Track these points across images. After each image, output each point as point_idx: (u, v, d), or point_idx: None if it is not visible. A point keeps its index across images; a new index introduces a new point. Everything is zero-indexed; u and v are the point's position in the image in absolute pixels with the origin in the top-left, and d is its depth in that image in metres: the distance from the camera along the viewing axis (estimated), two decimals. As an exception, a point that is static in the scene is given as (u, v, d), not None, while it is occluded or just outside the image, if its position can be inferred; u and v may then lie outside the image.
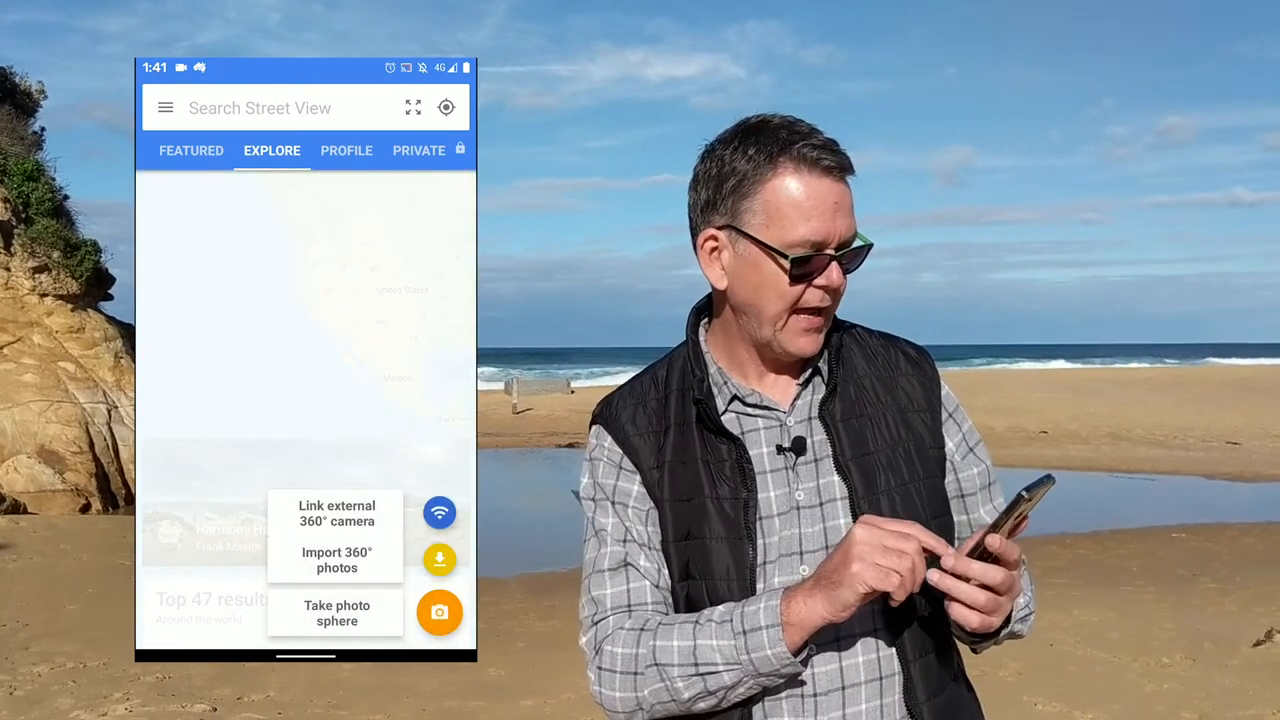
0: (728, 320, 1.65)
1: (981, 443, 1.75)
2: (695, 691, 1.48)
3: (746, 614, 1.46)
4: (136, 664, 7.09)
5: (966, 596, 1.43)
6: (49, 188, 17.76)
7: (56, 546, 12.19)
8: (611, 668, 1.54)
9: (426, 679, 6.87)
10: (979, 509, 1.72)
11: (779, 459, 1.60)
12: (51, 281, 17.05)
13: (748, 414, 1.63)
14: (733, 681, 1.47)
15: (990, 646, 1.64)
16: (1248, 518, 14.14)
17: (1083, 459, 20.20)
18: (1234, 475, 18.38)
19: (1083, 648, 7.64)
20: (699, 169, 1.62)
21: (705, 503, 1.56)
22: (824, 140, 1.55)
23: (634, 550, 1.59)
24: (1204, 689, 6.64)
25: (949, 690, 1.62)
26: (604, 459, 1.65)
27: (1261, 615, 8.43)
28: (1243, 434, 24.27)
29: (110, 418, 16.63)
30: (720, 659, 1.46)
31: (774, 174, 1.53)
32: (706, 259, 1.61)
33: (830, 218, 1.53)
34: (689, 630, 1.49)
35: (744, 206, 1.55)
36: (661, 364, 1.72)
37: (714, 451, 1.59)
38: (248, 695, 6.64)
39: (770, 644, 1.44)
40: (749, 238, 1.55)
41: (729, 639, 1.46)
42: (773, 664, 1.45)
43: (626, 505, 1.61)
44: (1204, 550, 11.75)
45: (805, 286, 1.55)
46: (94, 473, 15.81)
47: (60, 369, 16.60)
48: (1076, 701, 6.44)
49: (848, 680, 1.54)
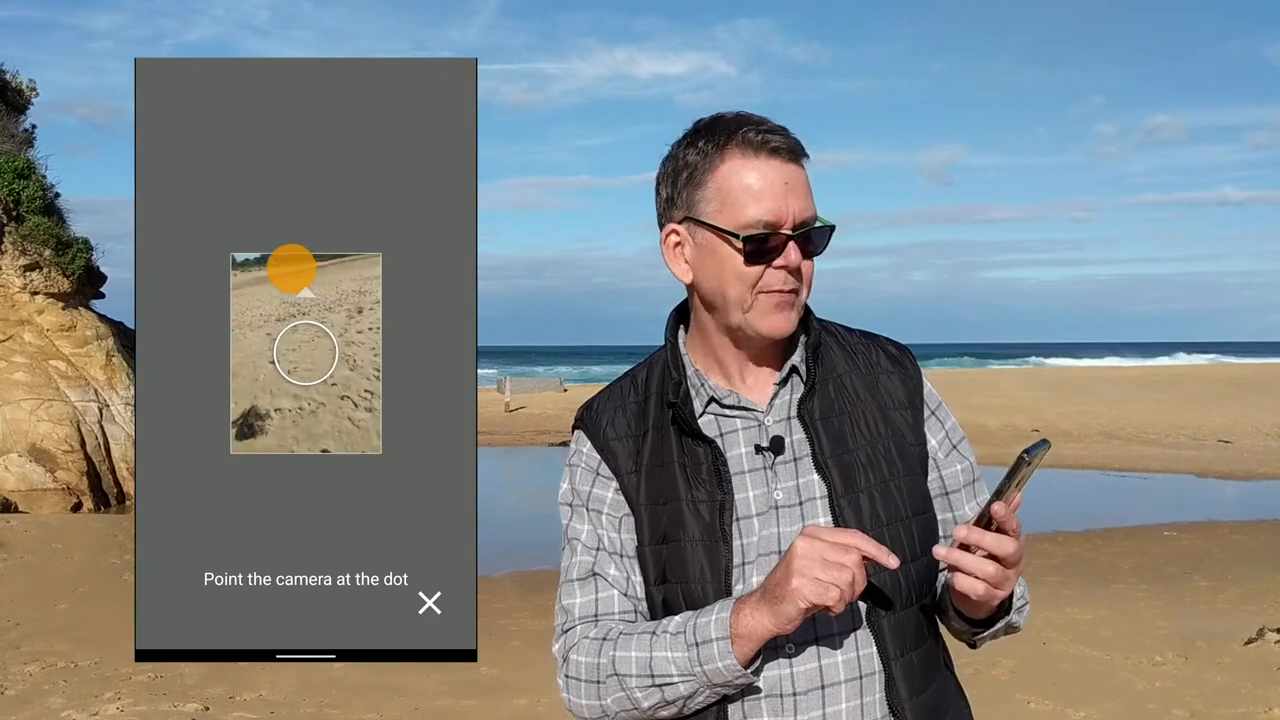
0: (701, 317, 1.65)
1: (965, 440, 1.74)
2: (654, 701, 1.50)
3: (698, 626, 1.48)
4: (127, 664, 7.12)
5: (975, 567, 1.43)
6: (40, 185, 17.70)
7: (48, 545, 12.15)
8: (577, 676, 1.56)
9: (419, 678, 6.86)
10: (963, 506, 1.71)
11: (757, 459, 1.59)
12: (42, 279, 17.00)
13: (725, 415, 1.62)
14: (689, 692, 1.48)
15: (989, 639, 1.64)
16: (1239, 516, 14.18)
17: (1075, 457, 20.22)
18: (1225, 473, 18.42)
19: (1075, 646, 7.65)
20: (659, 173, 1.64)
21: (681, 506, 1.56)
22: (771, 125, 1.57)
23: (603, 560, 1.60)
24: (1196, 687, 6.65)
25: (933, 688, 1.61)
26: (582, 465, 1.65)
27: (1253, 613, 8.45)
28: (1234, 432, 24.32)
29: (102, 416, 16.58)
30: (675, 670, 1.48)
31: (722, 160, 1.56)
32: (671, 255, 1.62)
33: (781, 198, 1.54)
34: (645, 641, 1.51)
35: (698, 196, 1.57)
36: (641, 368, 1.73)
37: (690, 454, 1.59)
38: (240, 694, 6.63)
39: (720, 656, 1.45)
40: (704, 225, 1.57)
41: (682, 650, 1.47)
42: (724, 675, 1.46)
43: (601, 512, 1.62)
44: (1196, 548, 11.78)
45: (765, 268, 1.55)
46: (85, 471, 15.77)
47: (51, 367, 16.54)
48: (1069, 700, 6.45)
49: (827, 679, 1.53)
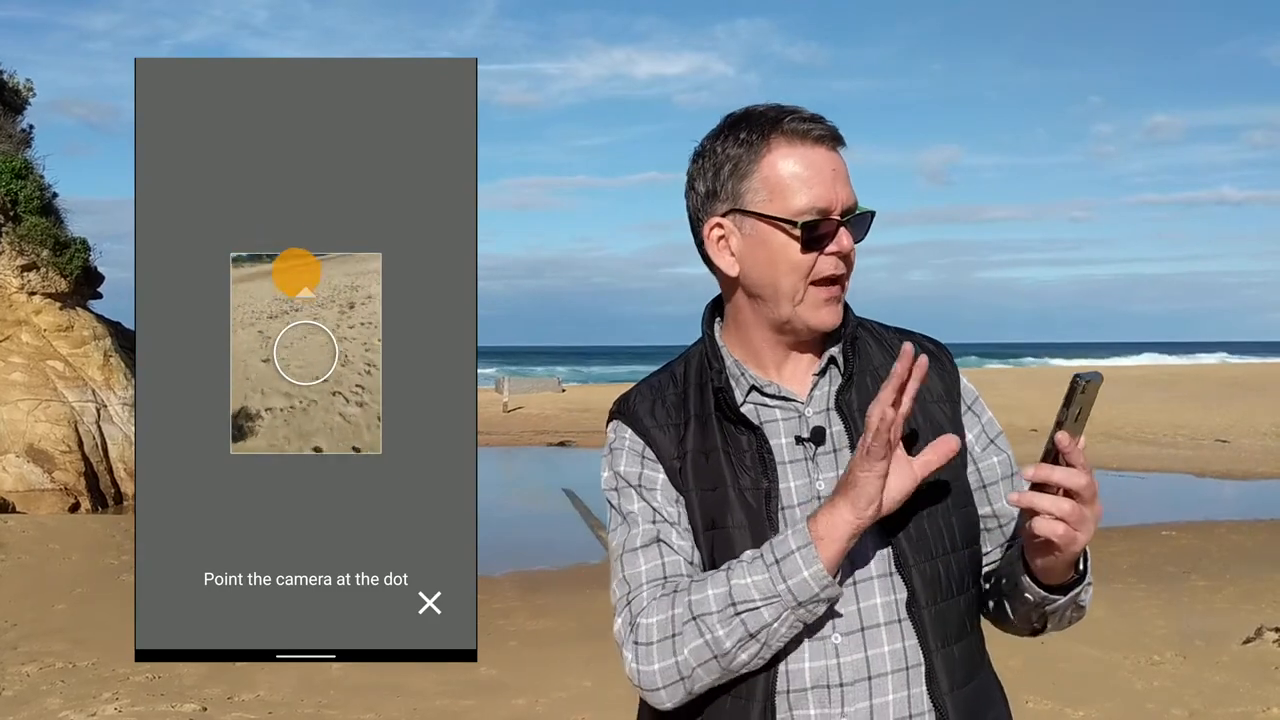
0: (742, 310, 1.65)
1: (1002, 434, 1.74)
2: (738, 637, 1.46)
3: (775, 544, 1.47)
4: (125, 664, 7.12)
5: (1051, 505, 1.42)
6: (37, 185, 17.68)
7: (45, 546, 12.14)
8: (648, 639, 1.51)
9: (417, 678, 6.85)
10: (1001, 499, 1.70)
11: (798, 449, 1.60)
12: (40, 280, 16.98)
13: (766, 404, 1.63)
14: (772, 618, 1.45)
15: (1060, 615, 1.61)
16: (1237, 515, 14.18)
17: (1073, 457, 20.14)
18: (1223, 473, 18.43)
19: (1074, 645, 7.65)
20: (692, 169, 1.65)
21: (728, 492, 1.57)
22: (811, 114, 1.58)
23: (665, 529, 1.58)
24: (1195, 686, 6.65)
25: (974, 683, 1.61)
26: (625, 449, 1.64)
27: (1251, 612, 8.45)
28: (1232, 432, 24.33)
29: (99, 417, 16.56)
30: (758, 594, 1.45)
31: (768, 150, 1.56)
32: (715, 249, 1.62)
33: (830, 184, 1.56)
34: (721, 577, 1.49)
35: (744, 188, 1.58)
36: (679, 361, 1.73)
37: (734, 442, 1.59)
38: (238, 695, 6.62)
39: (806, 564, 1.44)
40: (755, 215, 1.57)
41: (762, 572, 1.46)
42: (811, 588, 1.44)
43: (655, 489, 1.60)
44: (1194, 548, 11.78)
45: (817, 255, 1.56)
46: (83, 472, 15.75)
47: (49, 367, 16.53)
48: (1068, 699, 6.45)
49: (874, 670, 1.53)
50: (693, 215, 1.66)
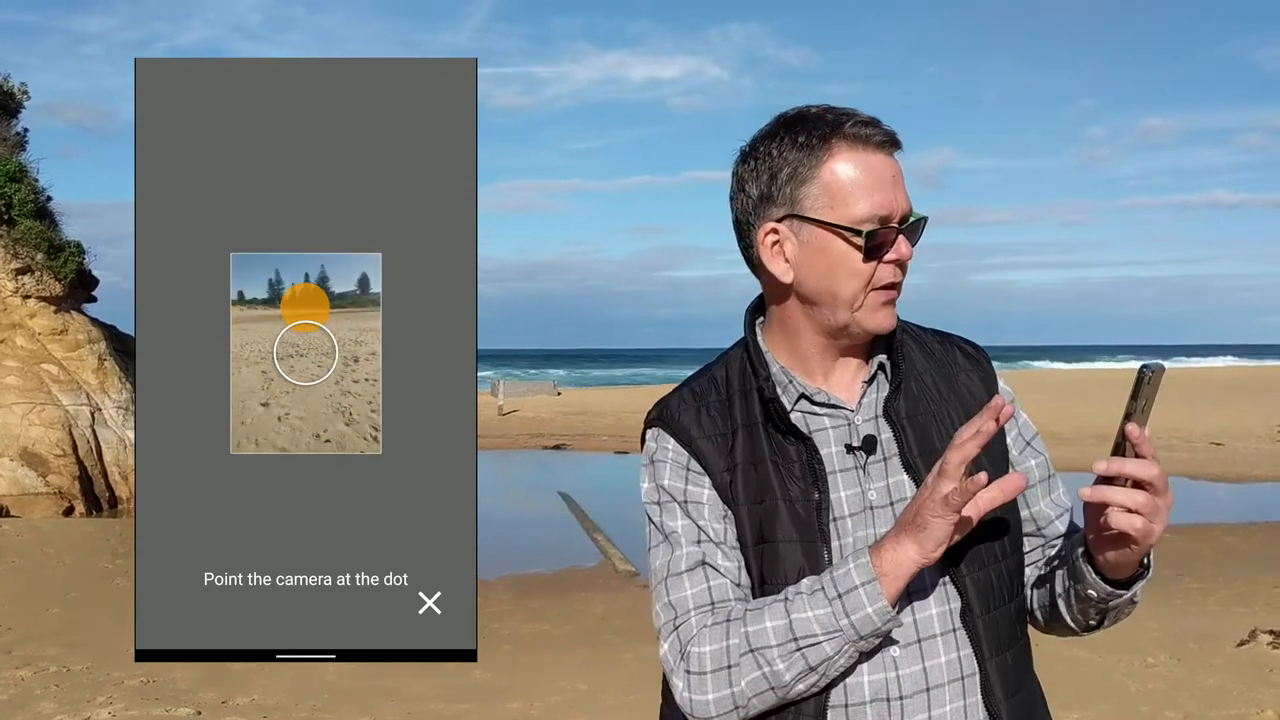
0: (791, 315, 1.61)
1: (1039, 436, 1.73)
2: (797, 670, 1.44)
3: (837, 578, 1.44)
4: (119, 668, 7.10)
5: (1126, 498, 1.41)
6: (32, 189, 17.65)
7: (40, 550, 12.11)
8: (701, 669, 1.48)
9: (412, 681, 6.85)
10: (1039, 502, 1.71)
11: (849, 458, 1.57)
12: (34, 283, 16.95)
13: (814, 413, 1.60)
14: (834, 651, 1.43)
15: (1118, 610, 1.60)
16: (1231, 518, 14.21)
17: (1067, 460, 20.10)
18: (1217, 476, 18.46)
19: (1068, 647, 7.64)
20: (742, 170, 1.60)
21: (777, 504, 1.53)
22: (869, 118, 1.55)
23: (711, 550, 1.54)
24: (1188, 689, 6.66)
25: (1024, 690, 1.60)
26: (669, 460, 1.59)
27: (1245, 615, 8.47)
28: (1226, 435, 24.38)
29: (94, 420, 16.53)
30: (819, 628, 1.43)
31: (829, 155, 1.53)
32: (769, 254, 1.58)
33: (890, 191, 1.53)
34: (780, 609, 1.46)
35: (803, 193, 1.54)
36: (718, 365, 1.68)
37: (782, 452, 1.56)
38: (232, 698, 6.61)
39: (870, 601, 1.42)
40: (814, 222, 1.54)
41: (824, 606, 1.43)
42: (874, 622, 1.42)
43: (701, 504, 1.56)
44: (1188, 550, 11.80)
45: (877, 263, 1.54)
46: (77, 475, 15.72)
47: (43, 371, 16.49)
48: (1062, 701, 6.46)
49: (932, 681, 1.52)
50: (741, 218, 1.61)
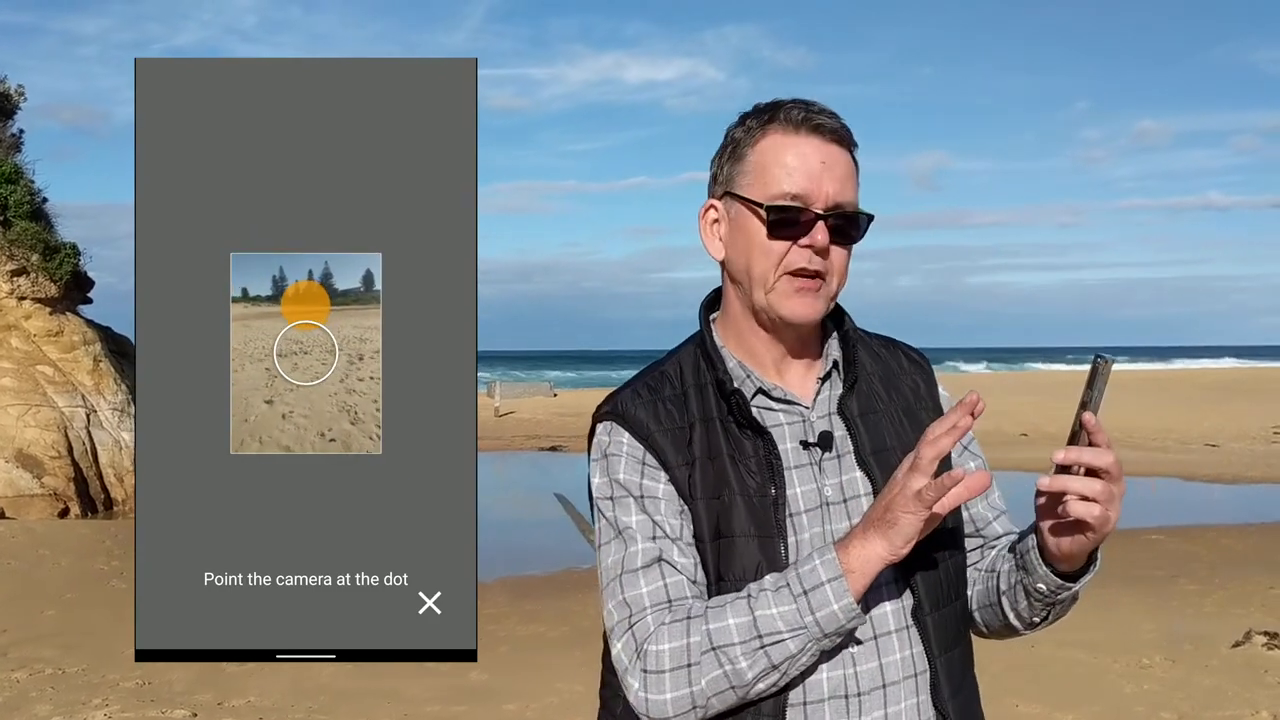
0: (730, 299, 1.63)
1: (975, 441, 1.75)
2: (760, 668, 1.42)
3: (803, 574, 1.42)
4: (115, 670, 7.10)
5: (1084, 486, 1.42)
6: (27, 190, 17.64)
7: (35, 552, 12.09)
8: (659, 668, 1.44)
9: (409, 683, 6.84)
10: (978, 504, 1.72)
11: (804, 454, 1.58)
12: (30, 285, 16.93)
13: (771, 409, 1.60)
14: (797, 649, 1.41)
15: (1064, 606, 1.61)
16: (1226, 519, 14.22)
17: (1062, 461, 20.19)
18: (1212, 477, 18.48)
19: (1063, 649, 7.66)
20: (714, 156, 1.64)
21: (735, 499, 1.52)
22: (819, 107, 1.56)
23: (667, 546, 1.51)
24: (1183, 690, 6.67)
25: (967, 688, 1.63)
26: (624, 454, 1.56)
27: (1240, 616, 8.48)
28: (1221, 436, 24.42)
29: (89, 422, 16.51)
30: (784, 625, 1.41)
31: (764, 135, 1.56)
32: (707, 231, 1.62)
33: (815, 175, 1.53)
34: (743, 605, 1.43)
35: (737, 170, 1.57)
36: (670, 360, 1.66)
37: (739, 447, 1.55)
38: (228, 700, 6.61)
39: (836, 598, 1.40)
40: (738, 199, 1.56)
41: (789, 603, 1.41)
42: (839, 620, 1.41)
43: (658, 499, 1.53)
44: (1183, 552, 11.82)
45: (790, 245, 1.54)
46: (72, 477, 15.70)
47: (38, 372, 16.47)
48: (1057, 702, 6.47)
49: (888, 678, 1.53)
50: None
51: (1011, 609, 1.65)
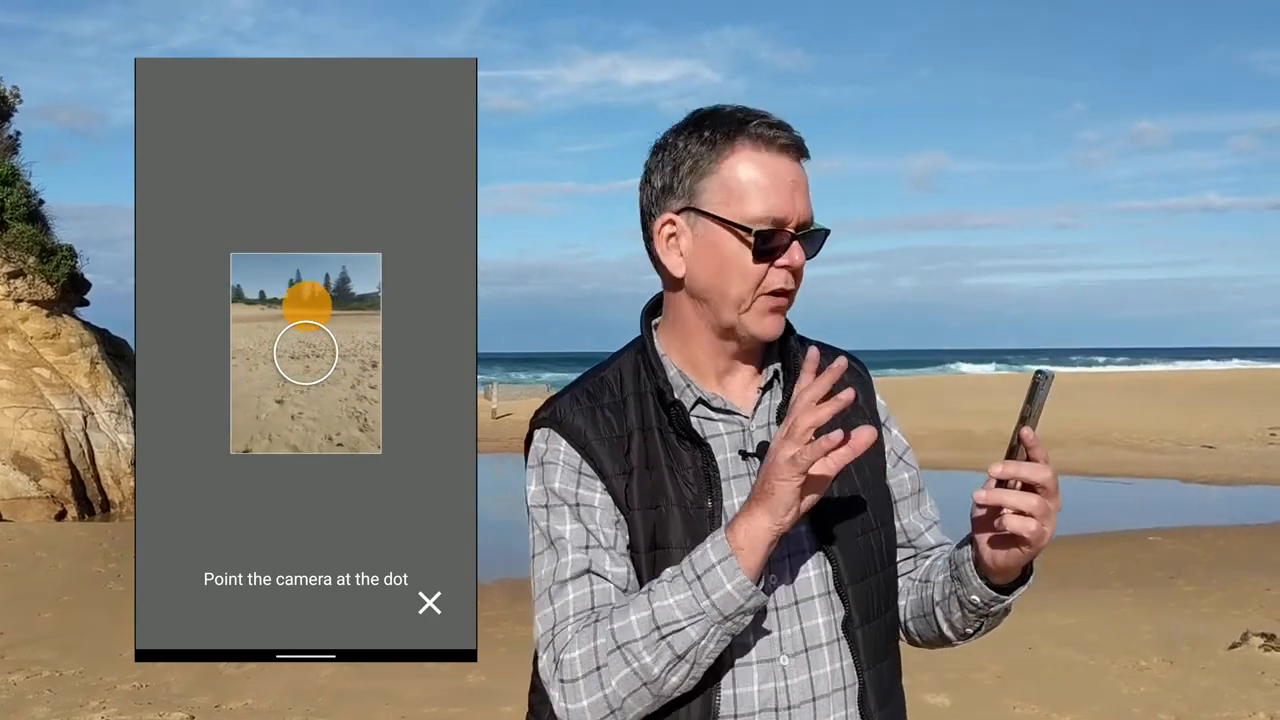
0: (683, 312, 1.60)
1: (910, 450, 1.76)
2: (665, 661, 1.40)
3: (695, 560, 1.41)
4: (112, 672, 7.09)
5: (1020, 501, 1.43)
6: (24, 192, 17.63)
7: (32, 554, 12.08)
8: (573, 676, 1.43)
9: (406, 685, 6.84)
10: (909, 514, 1.74)
11: (743, 464, 1.57)
12: (27, 287, 16.92)
13: (710, 419, 1.59)
14: (699, 636, 1.39)
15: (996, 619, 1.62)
16: (1223, 520, 14.24)
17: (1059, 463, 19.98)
18: (1209, 478, 18.50)
19: (1061, 650, 7.67)
20: (650, 162, 1.60)
21: (671, 509, 1.51)
22: (778, 120, 1.55)
23: (599, 555, 1.50)
24: (1181, 691, 6.68)
25: (894, 700, 1.63)
26: (560, 463, 1.54)
27: (1238, 617, 8.49)
28: (1218, 437, 24.44)
29: (86, 424, 16.50)
30: (681, 614, 1.39)
31: (732, 152, 1.53)
32: (664, 246, 1.58)
33: (789, 196, 1.53)
34: (643, 600, 1.42)
35: (702, 186, 1.54)
36: (610, 366, 1.64)
37: (677, 457, 1.54)
38: (226, 703, 6.60)
39: (728, 577, 1.39)
40: (709, 216, 1.53)
41: (684, 590, 1.40)
42: (736, 600, 1.39)
43: (594, 508, 1.52)
44: (1180, 553, 11.83)
45: (768, 266, 1.53)
46: (70, 479, 15.68)
47: (35, 375, 16.46)
48: (1055, 704, 6.47)
49: (818, 691, 1.53)
50: (645, 209, 1.61)
51: (945, 620, 1.66)
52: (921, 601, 1.70)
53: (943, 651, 1.67)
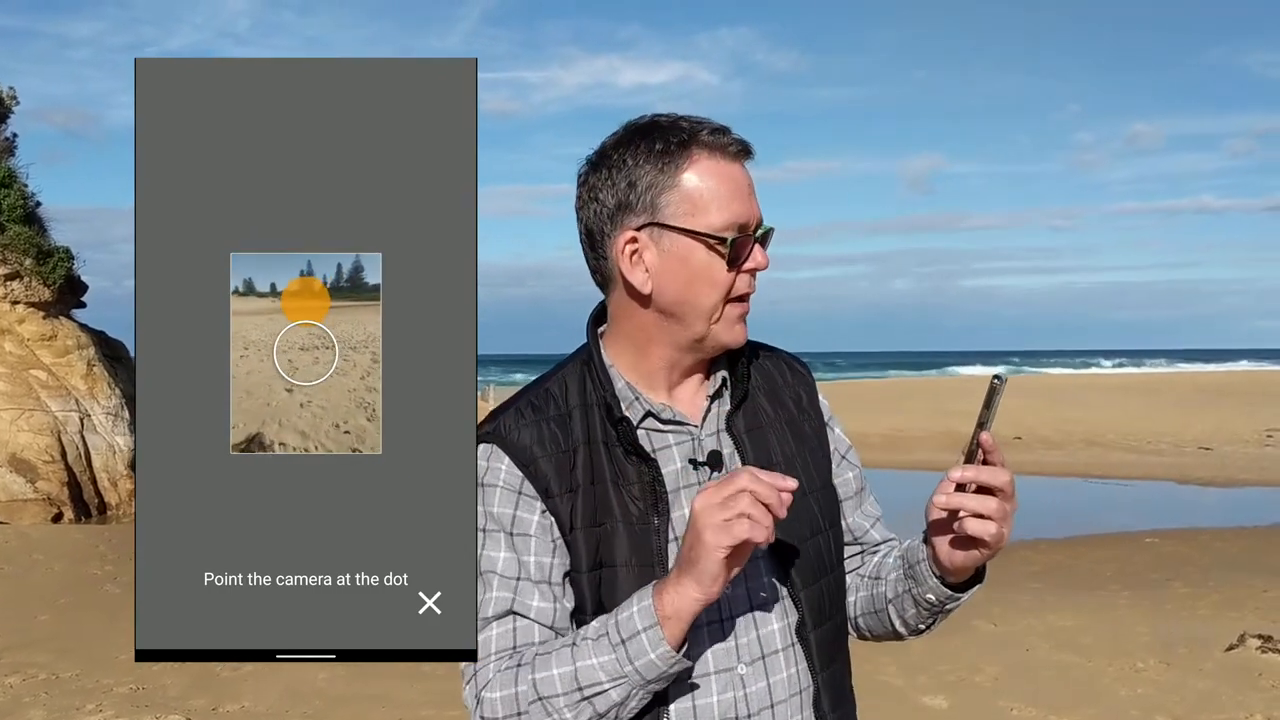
0: (645, 328, 1.58)
1: (853, 449, 1.77)
2: (586, 718, 1.41)
3: (621, 623, 1.40)
4: (109, 675, 7.08)
5: (979, 504, 1.45)
6: (20, 194, 17.61)
7: (28, 556, 12.06)
8: (493, 716, 1.44)
9: (403, 688, 6.84)
10: (853, 514, 1.76)
11: (693, 474, 1.57)
12: (23, 289, 16.90)
13: (659, 430, 1.58)
14: (621, 698, 1.40)
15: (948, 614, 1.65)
16: (1220, 522, 14.26)
17: (1056, 464, 20.30)
18: (1206, 480, 18.52)
19: (1058, 652, 7.68)
20: (594, 179, 1.58)
21: (616, 526, 1.50)
22: (721, 126, 1.55)
23: (525, 590, 1.49)
24: (1178, 693, 6.69)
25: (847, 699, 1.64)
26: (500, 485, 1.52)
27: (1234, 619, 8.50)
28: (1215, 439, 24.47)
29: (83, 426, 16.48)
30: (605, 676, 1.39)
31: (689, 163, 1.52)
32: (629, 264, 1.55)
33: (747, 200, 1.54)
34: (567, 654, 1.42)
35: (664, 200, 1.52)
36: (554, 378, 1.63)
37: (623, 472, 1.53)
38: (222, 705, 6.60)
39: (652, 646, 1.38)
40: (676, 230, 1.52)
41: (608, 653, 1.39)
42: (659, 667, 1.39)
43: (528, 535, 1.50)
44: (1177, 555, 11.84)
45: (737, 273, 1.54)
46: (66, 482, 15.66)
47: (32, 377, 16.44)
48: (1052, 706, 6.48)
49: (775, 698, 1.54)
50: (594, 228, 1.58)
51: (898, 616, 1.68)
52: (873, 598, 1.71)
53: (940, 654, 1.70)
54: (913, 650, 7.05)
